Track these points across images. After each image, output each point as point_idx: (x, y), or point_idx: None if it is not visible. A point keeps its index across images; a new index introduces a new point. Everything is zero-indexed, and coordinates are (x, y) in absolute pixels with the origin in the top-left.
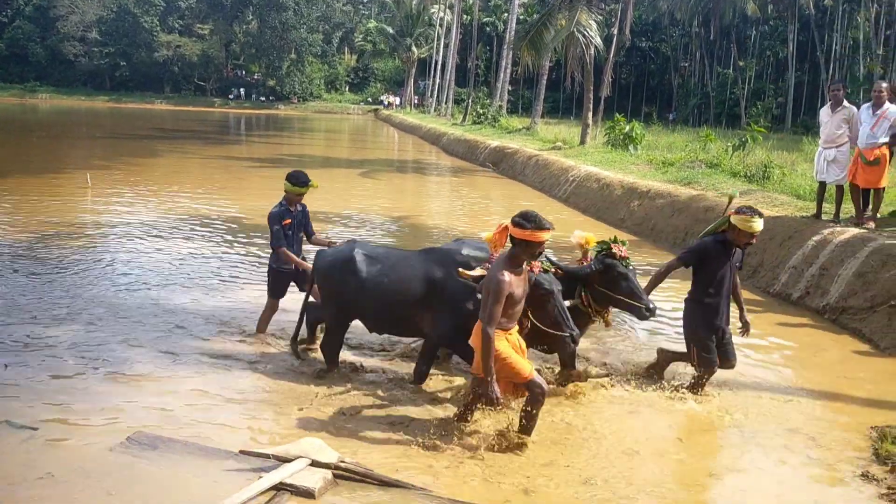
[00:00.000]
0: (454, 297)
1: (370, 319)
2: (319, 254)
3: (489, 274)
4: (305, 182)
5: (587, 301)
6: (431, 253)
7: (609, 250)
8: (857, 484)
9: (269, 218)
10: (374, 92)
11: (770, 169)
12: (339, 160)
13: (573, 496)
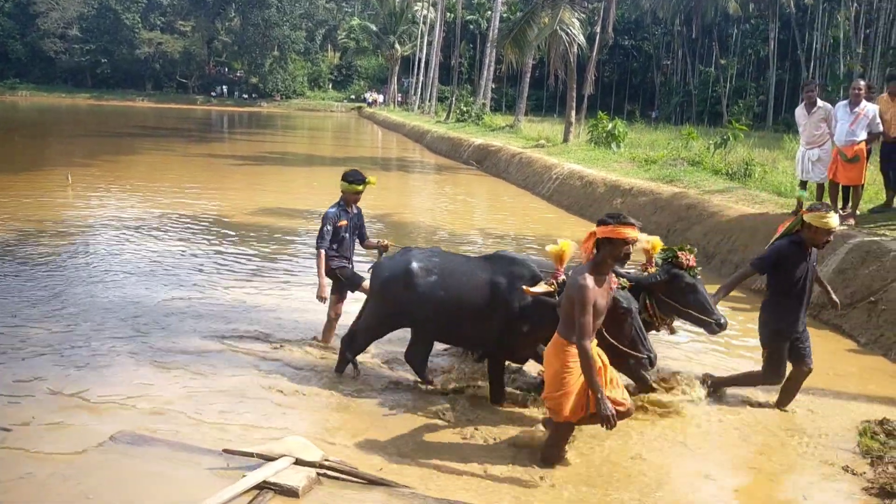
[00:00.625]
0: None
1: (430, 331)
2: (376, 267)
3: (571, 281)
4: (362, 180)
5: (652, 310)
6: (495, 262)
7: (675, 258)
8: (842, 477)
9: (324, 218)
10: (357, 89)
11: (751, 166)
12: (323, 158)
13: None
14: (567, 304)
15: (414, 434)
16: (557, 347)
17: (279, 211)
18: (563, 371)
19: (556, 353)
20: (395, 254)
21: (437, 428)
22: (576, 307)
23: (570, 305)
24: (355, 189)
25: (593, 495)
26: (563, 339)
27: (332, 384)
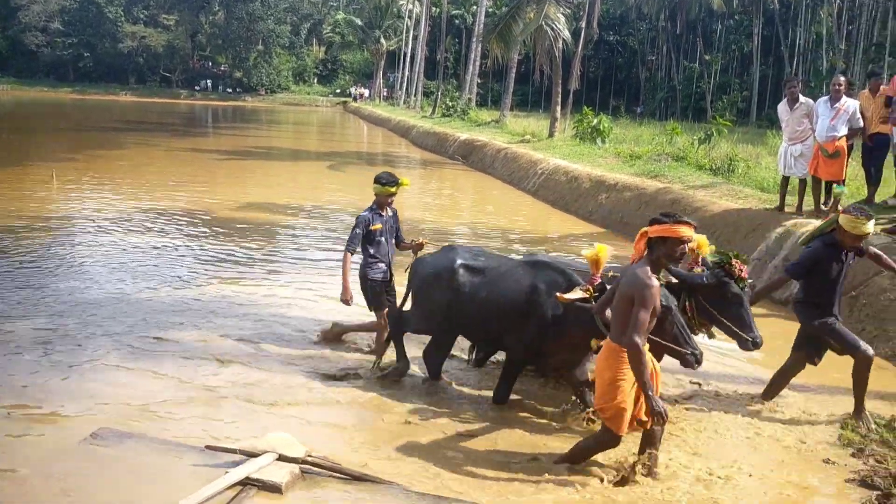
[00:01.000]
0: (547, 316)
1: (469, 331)
2: (417, 264)
3: (632, 280)
4: (395, 181)
5: (691, 311)
6: (537, 266)
7: (728, 265)
8: (822, 468)
9: (357, 220)
10: (342, 84)
11: (735, 162)
12: (308, 153)
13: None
14: (625, 303)
15: (407, 433)
16: (611, 354)
17: (264, 206)
18: (618, 378)
19: (609, 361)
20: (438, 251)
21: (431, 427)
22: (637, 305)
23: (628, 304)
24: (388, 191)
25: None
26: (617, 344)
27: (316, 381)
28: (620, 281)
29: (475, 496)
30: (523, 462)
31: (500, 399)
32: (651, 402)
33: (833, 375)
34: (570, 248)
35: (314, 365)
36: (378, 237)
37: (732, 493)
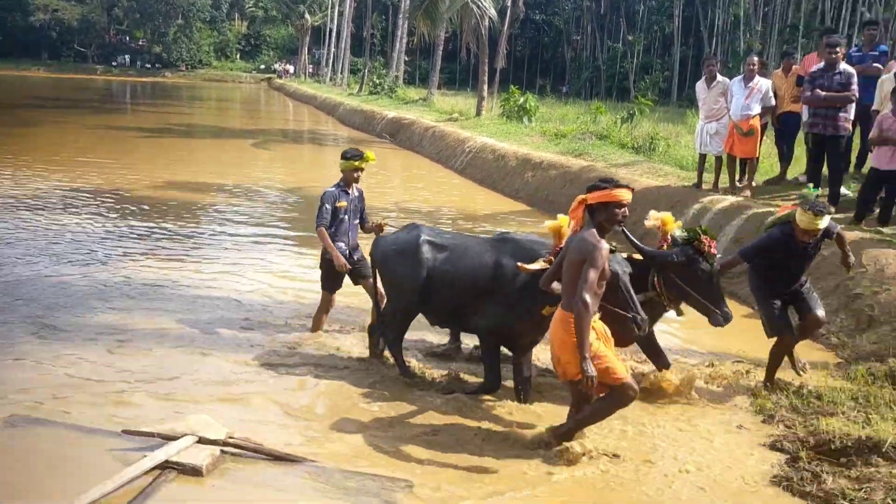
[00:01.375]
0: (513, 294)
1: (432, 311)
2: (378, 240)
3: (580, 245)
4: (359, 155)
5: (661, 288)
6: (503, 243)
7: (697, 241)
8: (733, 437)
9: (323, 196)
10: (266, 60)
11: (656, 140)
12: (232, 130)
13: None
14: (575, 268)
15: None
16: (567, 322)
17: (187, 185)
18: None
19: (565, 330)
20: (401, 229)
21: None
22: (586, 266)
23: (576, 268)
24: (353, 165)
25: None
26: (570, 311)
27: (240, 360)
28: (568, 248)
29: (405, 473)
30: (464, 444)
31: (490, 388)
32: (584, 364)
33: (750, 345)
34: (497, 226)
35: (242, 347)
36: (342, 215)
37: (639, 450)
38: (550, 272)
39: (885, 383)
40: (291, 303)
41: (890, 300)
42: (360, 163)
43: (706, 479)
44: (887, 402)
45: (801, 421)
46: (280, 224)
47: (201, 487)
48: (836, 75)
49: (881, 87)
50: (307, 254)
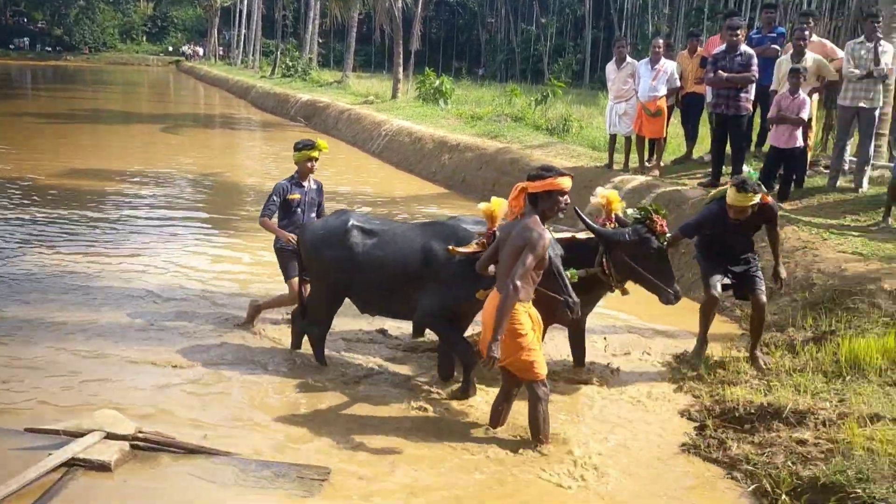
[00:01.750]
0: (449, 276)
1: (361, 298)
2: (306, 226)
3: (523, 232)
4: (308, 144)
5: (609, 269)
6: (433, 227)
7: (650, 220)
8: (652, 404)
9: (274, 188)
10: (174, 42)
11: (569, 122)
12: (140, 115)
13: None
14: (512, 254)
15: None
16: (493, 300)
17: (94, 172)
18: (518, 331)
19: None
20: (330, 214)
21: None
22: (525, 252)
23: (515, 255)
24: (307, 155)
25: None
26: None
27: (153, 352)
28: (509, 234)
29: (324, 462)
30: (387, 432)
31: (467, 363)
32: (493, 345)
33: (667, 319)
34: (415, 209)
35: (156, 338)
36: (295, 207)
37: (556, 428)
38: (486, 256)
39: (786, 352)
40: (206, 291)
41: (789, 273)
42: (312, 152)
43: (619, 450)
44: (787, 370)
45: (707, 391)
46: (192, 210)
47: (110, 483)
48: (738, 57)
49: (779, 68)
50: (221, 240)
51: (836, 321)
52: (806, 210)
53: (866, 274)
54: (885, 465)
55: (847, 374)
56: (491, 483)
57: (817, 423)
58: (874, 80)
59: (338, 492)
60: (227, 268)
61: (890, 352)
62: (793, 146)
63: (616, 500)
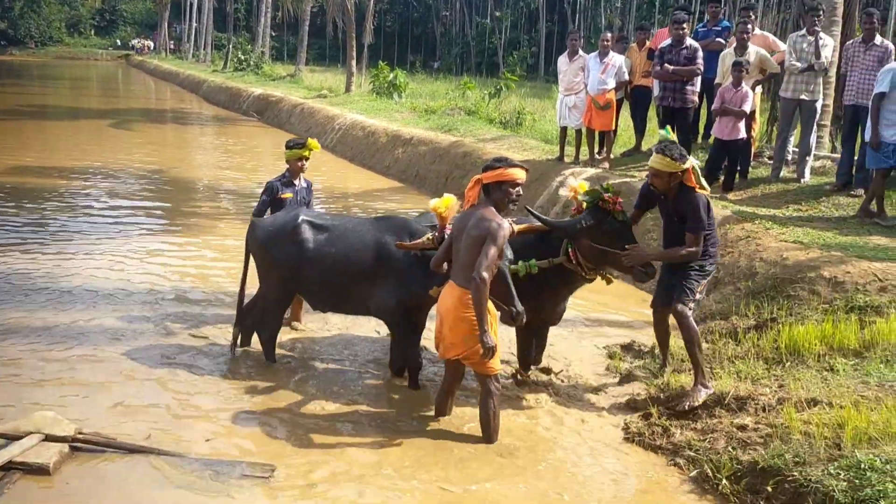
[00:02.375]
0: (403, 270)
1: (314, 294)
2: (255, 222)
3: (481, 223)
4: (299, 143)
5: (576, 258)
6: (385, 221)
7: (601, 201)
8: (591, 397)
9: (265, 187)
10: (123, 36)
11: (523, 115)
12: (88, 111)
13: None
14: (475, 245)
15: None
16: (464, 300)
17: (41, 170)
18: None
19: (464, 307)
20: (279, 211)
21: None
22: (487, 243)
23: (477, 247)
24: (297, 154)
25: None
26: (464, 287)
27: (97, 351)
28: (466, 225)
29: (270, 459)
30: (333, 429)
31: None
32: (485, 337)
33: (610, 308)
34: (369, 204)
35: (102, 338)
36: (288, 206)
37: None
38: (441, 253)
39: (729, 340)
40: (155, 289)
41: (733, 262)
42: (303, 151)
43: (565, 442)
44: (730, 357)
45: (653, 380)
46: (144, 207)
47: (50, 486)
48: (683, 50)
49: (723, 62)
50: (175, 237)
51: (778, 309)
52: (750, 200)
53: (807, 262)
54: (821, 448)
55: (787, 360)
56: (439, 476)
57: (757, 408)
58: (815, 72)
59: (283, 488)
60: (178, 264)
61: (828, 338)
62: (736, 138)
63: (560, 487)
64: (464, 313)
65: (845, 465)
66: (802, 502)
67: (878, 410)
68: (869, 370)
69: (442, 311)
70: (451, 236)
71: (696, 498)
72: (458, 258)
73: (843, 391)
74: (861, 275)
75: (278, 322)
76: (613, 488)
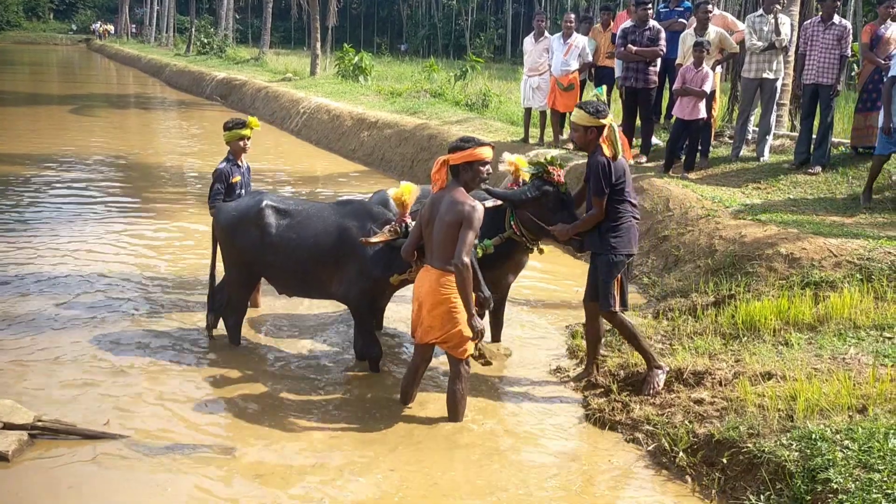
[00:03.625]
0: (366, 256)
1: (278, 279)
2: (220, 207)
3: (457, 207)
4: (237, 123)
5: (519, 230)
6: (346, 206)
7: (546, 174)
8: (551, 377)
9: (215, 175)
10: (84, 20)
11: (488, 97)
12: (49, 96)
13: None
14: (451, 229)
15: (167, 387)
16: (440, 283)
17: (1, 158)
18: (454, 306)
19: (442, 290)
20: (243, 196)
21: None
22: (464, 227)
23: (454, 229)
24: (238, 134)
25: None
26: (442, 270)
27: (57, 338)
28: (436, 209)
29: (229, 442)
30: (293, 411)
31: (368, 357)
32: (473, 321)
33: (569, 287)
34: (335, 188)
35: (59, 324)
36: (238, 190)
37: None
38: (411, 240)
39: (688, 316)
40: (122, 274)
41: (693, 240)
42: (243, 130)
43: (525, 422)
44: (689, 333)
45: (613, 356)
46: (107, 193)
47: (8, 473)
48: (647, 31)
49: (683, 42)
50: (139, 223)
51: (736, 285)
52: (711, 179)
53: (764, 239)
54: (774, 420)
55: (744, 335)
56: (407, 459)
57: (714, 383)
58: (776, 51)
59: (241, 471)
60: (142, 250)
61: (784, 313)
62: (696, 118)
63: (524, 467)
64: (442, 296)
65: (797, 436)
66: (756, 473)
67: (829, 382)
68: (822, 343)
69: (420, 295)
70: (421, 221)
71: (653, 472)
72: (433, 242)
73: (796, 364)
74: (816, 251)
75: (244, 307)
76: (572, 466)
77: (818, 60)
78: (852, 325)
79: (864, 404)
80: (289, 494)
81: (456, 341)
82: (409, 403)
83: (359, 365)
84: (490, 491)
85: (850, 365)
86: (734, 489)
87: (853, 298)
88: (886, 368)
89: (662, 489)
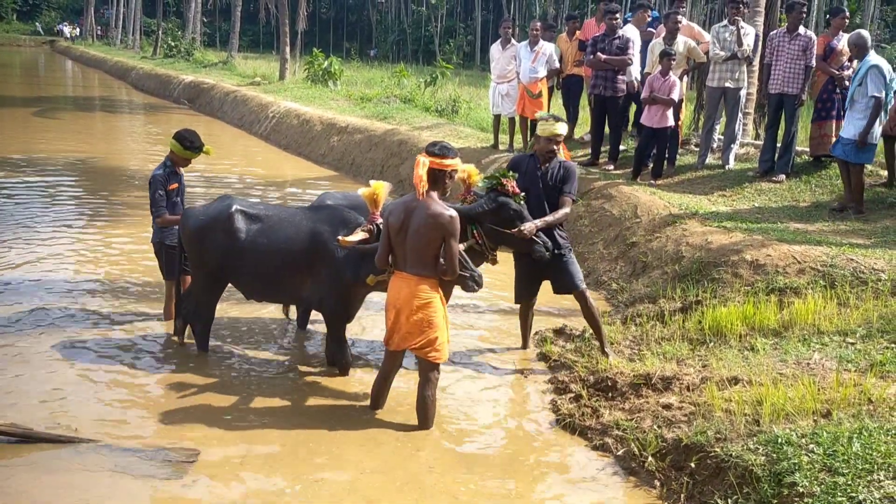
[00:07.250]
0: (338, 260)
1: (247, 285)
2: (188, 212)
3: (440, 217)
4: (199, 147)
5: (481, 240)
6: (317, 211)
7: (501, 185)
8: (523, 380)
9: (152, 182)
10: (48, 21)
11: (458, 103)
12: (11, 98)
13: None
14: (432, 239)
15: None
16: (420, 289)
17: None
18: (433, 312)
19: (419, 294)
20: (213, 199)
21: (161, 385)
22: (448, 240)
23: (437, 240)
24: (188, 155)
25: None
26: (419, 276)
27: (16, 342)
28: (408, 216)
29: (195, 444)
30: (258, 415)
31: (338, 363)
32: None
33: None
34: (304, 193)
35: (22, 330)
36: (175, 197)
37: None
38: (383, 248)
39: (656, 322)
40: (88, 279)
41: (660, 247)
42: (196, 155)
43: (496, 428)
44: (657, 339)
45: (583, 362)
46: (71, 197)
47: None
48: (616, 40)
49: (652, 52)
50: (104, 228)
51: (703, 291)
52: (677, 186)
53: (730, 245)
54: (741, 424)
55: (711, 340)
56: (376, 464)
57: (682, 387)
58: (739, 61)
59: (206, 473)
60: (108, 254)
61: (749, 318)
62: (664, 126)
63: (492, 472)
64: (422, 301)
65: (763, 440)
66: (723, 477)
67: (794, 387)
68: (787, 349)
69: (397, 302)
70: (391, 227)
71: (622, 478)
72: (406, 249)
73: (762, 369)
74: (781, 258)
75: (211, 313)
76: (541, 470)
77: (784, 70)
78: (816, 331)
79: (828, 409)
80: (257, 497)
81: (432, 347)
82: (378, 408)
83: (329, 370)
84: (454, 495)
85: (814, 370)
86: (702, 493)
87: (817, 304)
88: (850, 373)
89: (631, 494)
